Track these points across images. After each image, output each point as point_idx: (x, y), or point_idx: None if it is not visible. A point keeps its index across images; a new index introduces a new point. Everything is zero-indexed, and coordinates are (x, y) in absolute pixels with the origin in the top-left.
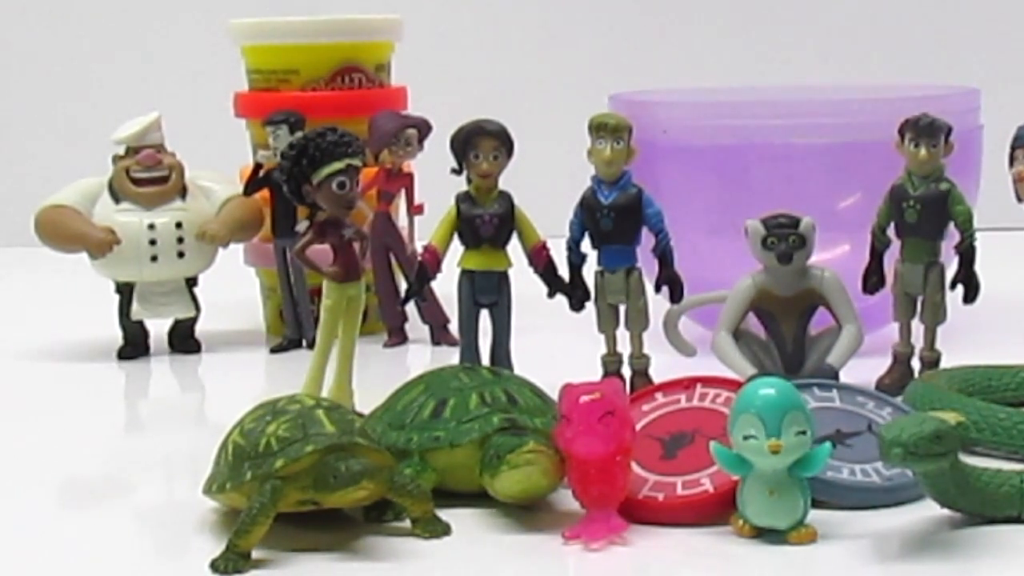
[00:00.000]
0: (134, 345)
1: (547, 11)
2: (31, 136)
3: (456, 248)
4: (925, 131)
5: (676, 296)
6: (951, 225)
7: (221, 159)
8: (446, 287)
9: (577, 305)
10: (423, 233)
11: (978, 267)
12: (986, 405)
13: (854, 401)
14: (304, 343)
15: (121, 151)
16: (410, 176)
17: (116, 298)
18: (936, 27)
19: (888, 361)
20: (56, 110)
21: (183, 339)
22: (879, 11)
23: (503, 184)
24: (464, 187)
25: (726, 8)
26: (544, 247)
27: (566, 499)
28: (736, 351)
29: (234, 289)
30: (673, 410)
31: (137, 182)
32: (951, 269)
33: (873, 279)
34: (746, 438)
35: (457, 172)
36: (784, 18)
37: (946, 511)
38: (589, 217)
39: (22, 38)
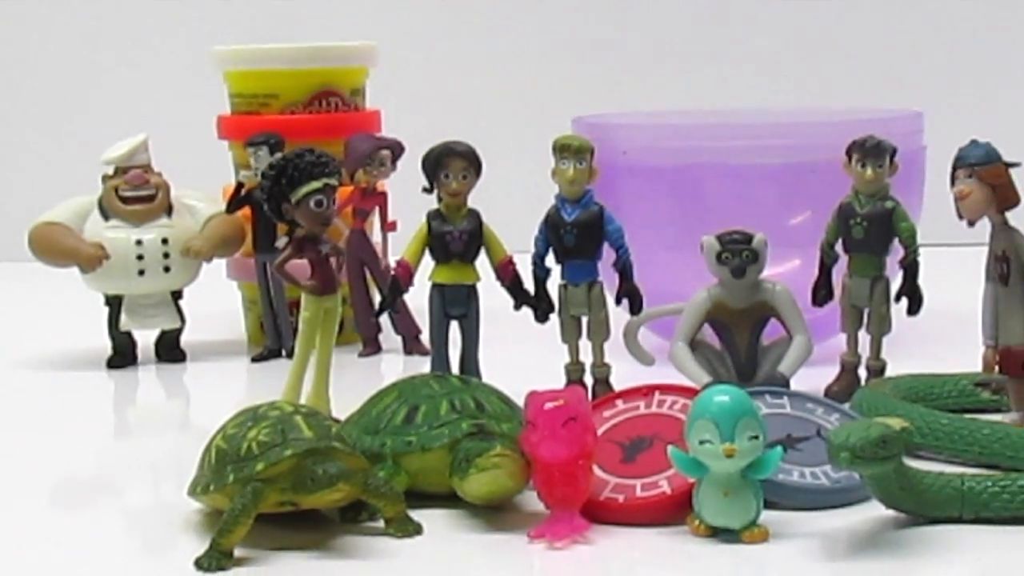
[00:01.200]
0: (122, 355)
1: (514, 37)
2: (25, 157)
3: (427, 263)
4: (871, 152)
5: (635, 308)
6: (896, 241)
7: (205, 179)
8: (418, 300)
9: (542, 317)
10: (396, 248)
11: (922, 281)
12: (929, 411)
13: (804, 407)
14: (283, 353)
15: (110, 171)
16: (384, 195)
17: (105, 310)
18: (881, 53)
19: (836, 370)
20: (49, 132)
21: (169, 349)
22: (828, 38)
23: (472, 202)
24: (435, 205)
25: (683, 36)
26: (511, 262)
27: (531, 501)
28: (692, 360)
29: (217, 302)
30: (632, 416)
31: (125, 200)
32: (896, 283)
33: (822, 292)
34: (702, 443)
35: (428, 191)
36: (738, 46)
37: (891, 512)
38: (553, 233)
39: (18, 66)
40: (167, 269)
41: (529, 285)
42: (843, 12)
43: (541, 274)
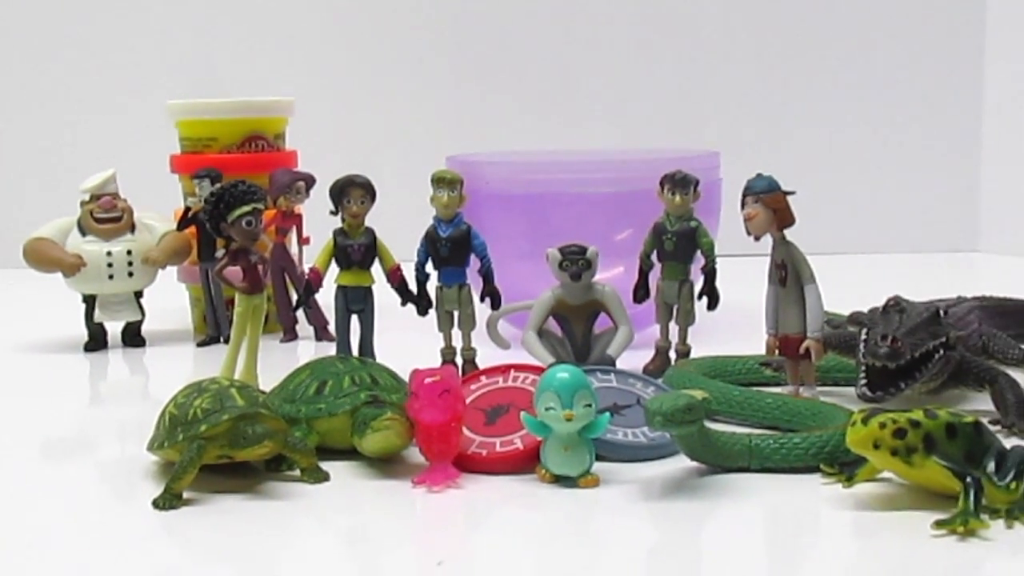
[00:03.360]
0: (96, 341)
1: (400, 94)
2: (20, 187)
3: (334, 269)
4: (679, 183)
5: (495, 305)
6: (699, 252)
7: (160, 203)
8: (326, 298)
9: (422, 312)
10: (309, 258)
11: (719, 283)
12: (724, 385)
13: (627, 382)
14: (221, 339)
15: (86, 198)
16: (300, 216)
17: (82, 306)
18: (686, 105)
19: (652, 352)
20: (39, 168)
21: (132, 336)
22: (647, 95)
23: (368, 221)
24: (340, 224)
25: (533, 93)
26: (398, 269)
27: (415, 455)
28: (540, 345)
29: (170, 299)
30: (493, 389)
31: (98, 221)
32: (699, 285)
33: (641, 292)
34: (547, 409)
35: (334, 213)
36: (576, 100)
37: (695, 463)
38: (431, 246)
39: (14, 114)
40: (131, 274)
41: (412, 287)
42: (658, 76)
43: (422, 278)
